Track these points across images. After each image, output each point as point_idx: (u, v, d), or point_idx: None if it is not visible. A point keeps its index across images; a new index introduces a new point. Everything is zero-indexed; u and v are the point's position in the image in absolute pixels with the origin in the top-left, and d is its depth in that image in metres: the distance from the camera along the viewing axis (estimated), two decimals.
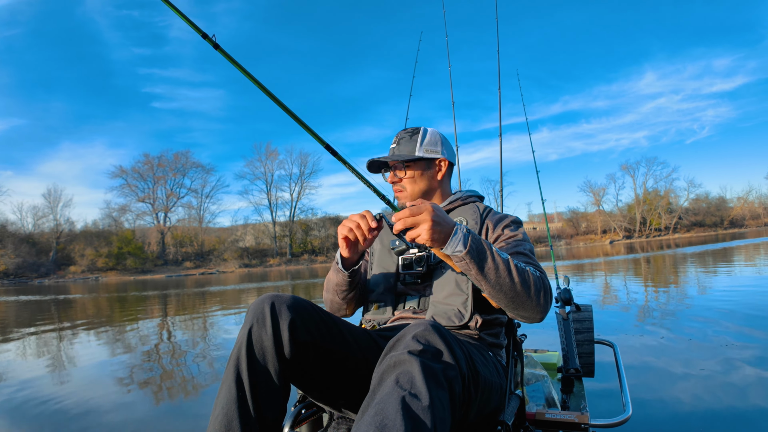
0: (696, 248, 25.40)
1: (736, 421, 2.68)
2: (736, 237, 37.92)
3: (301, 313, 1.26)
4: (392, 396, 0.93)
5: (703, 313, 6.13)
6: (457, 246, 1.29)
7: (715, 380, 3.38)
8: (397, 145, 1.79)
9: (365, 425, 0.91)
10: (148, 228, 61.77)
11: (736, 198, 73.06)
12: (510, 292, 1.34)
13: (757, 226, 66.18)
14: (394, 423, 0.89)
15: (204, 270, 55.79)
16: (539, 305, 1.40)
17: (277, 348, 1.20)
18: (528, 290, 1.36)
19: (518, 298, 1.35)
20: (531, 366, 2.35)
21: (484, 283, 1.33)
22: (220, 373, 4.40)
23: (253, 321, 1.22)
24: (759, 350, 4.14)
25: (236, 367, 1.18)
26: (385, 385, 0.97)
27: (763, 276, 10.07)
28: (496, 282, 1.33)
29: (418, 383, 0.95)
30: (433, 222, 1.25)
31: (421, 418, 0.91)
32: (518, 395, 1.53)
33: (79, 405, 3.73)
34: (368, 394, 1.00)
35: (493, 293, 1.35)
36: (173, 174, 63.39)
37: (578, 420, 1.65)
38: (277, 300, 1.25)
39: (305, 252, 64.37)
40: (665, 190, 67.95)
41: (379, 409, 0.92)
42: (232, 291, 18.12)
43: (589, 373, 2.52)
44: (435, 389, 0.96)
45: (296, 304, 1.26)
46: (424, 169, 1.77)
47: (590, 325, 2.61)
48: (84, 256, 55.49)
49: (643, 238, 63.29)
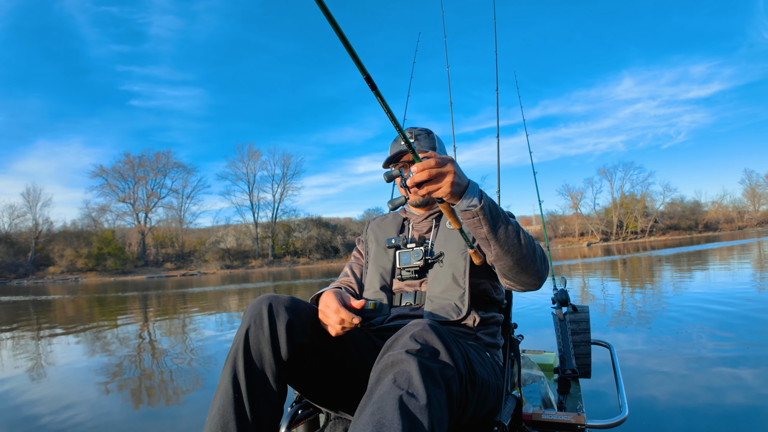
0: (671, 251, 25.71)
1: (734, 421, 2.66)
2: (710, 240, 38.52)
3: (298, 314, 1.27)
4: (390, 395, 0.94)
5: (688, 313, 6.17)
6: (471, 200, 1.24)
7: (711, 380, 3.37)
8: (417, 141, 1.77)
9: (363, 424, 0.92)
10: (129, 228, 61.12)
11: (710, 202, 74.41)
12: (517, 253, 1.33)
13: (731, 230, 67.20)
14: (391, 422, 0.90)
15: (185, 271, 55.35)
16: (540, 271, 1.40)
17: (274, 350, 1.21)
18: (533, 254, 1.36)
19: (523, 261, 1.35)
20: (528, 367, 2.34)
21: (493, 241, 1.30)
22: (201, 375, 4.46)
23: (250, 322, 1.23)
24: (753, 349, 4.15)
25: (233, 369, 1.19)
26: (382, 385, 0.98)
27: (742, 276, 10.41)
28: (504, 241, 1.30)
29: (416, 382, 0.96)
30: (455, 174, 1.20)
31: (419, 417, 0.92)
32: (515, 396, 1.52)
33: (52, 408, 3.65)
34: (366, 393, 1.01)
35: (500, 253, 1.33)
36: (154, 174, 62.86)
37: (575, 421, 1.64)
38: (275, 301, 1.26)
39: (287, 253, 64.03)
40: (642, 194, 69.11)
41: (377, 408, 0.93)
42: (213, 292, 17.89)
43: (586, 374, 2.52)
44: (432, 388, 0.97)
45: (294, 306, 1.27)
46: None
47: (587, 326, 2.60)
48: (63, 256, 54.72)
49: (620, 241, 64.20)
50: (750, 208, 73.72)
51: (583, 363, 2.52)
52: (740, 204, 74.26)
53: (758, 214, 72.62)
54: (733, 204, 74.11)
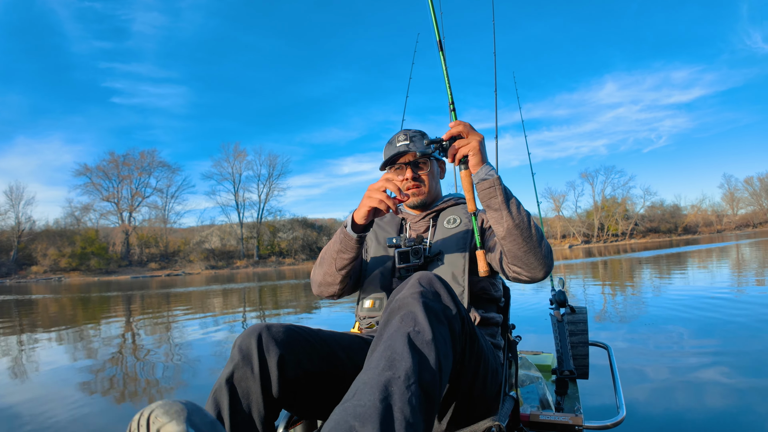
0: (651, 252, 26.44)
1: (732, 421, 2.66)
2: (689, 243, 39.00)
3: (292, 346, 1.24)
4: (398, 333, 1.00)
5: (677, 313, 6.17)
6: (489, 171, 1.39)
7: (709, 381, 3.36)
8: (411, 143, 1.78)
9: (376, 360, 0.97)
10: (113, 228, 60.53)
11: (690, 206, 76.32)
12: (526, 231, 1.38)
13: (710, 233, 68.61)
14: (402, 355, 0.95)
15: (170, 271, 55.09)
16: (546, 258, 1.44)
17: (264, 390, 1.17)
18: (540, 240, 1.41)
19: (531, 243, 1.39)
20: (525, 367, 2.35)
21: (506, 213, 1.37)
22: (184, 375, 4.44)
23: (238, 359, 1.19)
24: (749, 350, 4.12)
25: (216, 408, 1.14)
26: (391, 325, 1.03)
27: (720, 277, 10.58)
28: (516, 215, 1.37)
29: (421, 321, 1.01)
30: (482, 141, 1.40)
31: (426, 350, 0.98)
32: (512, 397, 1.52)
33: (30, 410, 3.56)
34: (376, 335, 1.06)
35: (511, 228, 1.38)
36: (139, 173, 62.41)
37: (572, 422, 1.64)
38: (266, 334, 1.21)
39: (272, 254, 63.89)
40: (622, 198, 70.49)
41: (388, 345, 0.99)
42: (198, 293, 17.72)
43: (584, 375, 2.52)
44: (437, 325, 1.03)
45: (287, 337, 1.24)
46: (436, 167, 1.87)
47: (585, 327, 2.60)
48: (46, 255, 54.03)
49: (601, 243, 65.16)
50: (729, 212, 75.52)
51: (580, 364, 2.52)
52: (719, 208, 76.19)
53: (737, 218, 74.27)
54: (712, 208, 76.08)
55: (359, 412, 0.87)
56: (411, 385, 0.92)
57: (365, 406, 0.88)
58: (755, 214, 73.69)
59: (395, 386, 0.91)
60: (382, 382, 0.92)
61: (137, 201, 62.52)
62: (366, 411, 0.87)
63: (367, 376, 0.95)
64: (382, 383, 0.92)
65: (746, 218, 73.87)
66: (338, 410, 0.91)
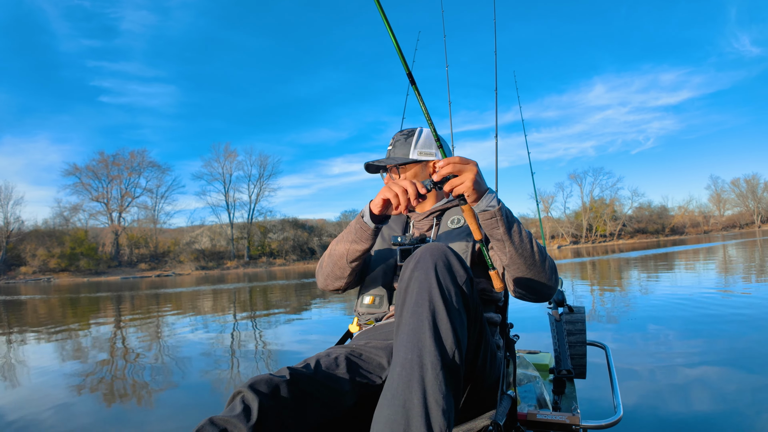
0: (639, 253, 26.56)
1: (730, 420, 2.64)
2: (677, 243, 39.08)
3: (287, 406, 1.09)
4: (417, 316, 1.04)
5: (669, 313, 6.14)
6: (491, 201, 1.33)
7: (707, 380, 3.33)
8: (393, 148, 1.79)
9: (403, 352, 1.02)
10: (102, 228, 60.31)
11: (677, 207, 77.18)
12: (529, 258, 1.38)
13: (696, 234, 69.35)
14: (424, 344, 1.01)
15: (160, 272, 54.98)
16: (550, 279, 1.44)
17: None
18: (543, 262, 1.41)
19: (535, 268, 1.40)
20: (523, 367, 2.34)
21: (508, 244, 1.36)
22: (172, 376, 4.44)
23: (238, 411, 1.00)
24: (747, 349, 4.10)
25: None
26: (407, 306, 1.07)
27: (707, 278, 10.58)
28: (519, 244, 1.36)
29: (436, 299, 1.05)
30: (477, 173, 1.31)
31: (445, 330, 1.03)
32: (510, 396, 1.51)
33: (15, 412, 3.51)
34: (395, 314, 1.12)
35: (514, 257, 1.38)
36: (129, 173, 62.18)
37: (569, 421, 1.65)
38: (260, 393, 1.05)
39: (263, 254, 63.84)
40: (611, 199, 71.18)
41: (412, 329, 1.04)
42: (188, 293, 17.59)
43: (581, 374, 2.52)
44: (451, 299, 1.07)
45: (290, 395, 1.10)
46: (419, 171, 1.77)
47: (582, 327, 2.60)
48: (35, 256, 53.79)
49: (589, 244, 65.80)
50: (715, 213, 76.62)
51: (578, 363, 2.53)
52: (706, 209, 77.21)
53: (723, 219, 75.23)
54: (699, 209, 76.95)
55: (400, 415, 0.95)
56: (438, 373, 0.99)
57: (406, 407, 0.96)
58: (741, 215, 74.78)
59: (427, 378, 0.98)
60: (415, 378, 0.98)
61: (127, 201, 62.42)
62: (408, 411, 0.95)
63: (397, 373, 1.01)
64: (416, 379, 0.98)
65: (733, 219, 74.88)
66: (379, 414, 0.99)
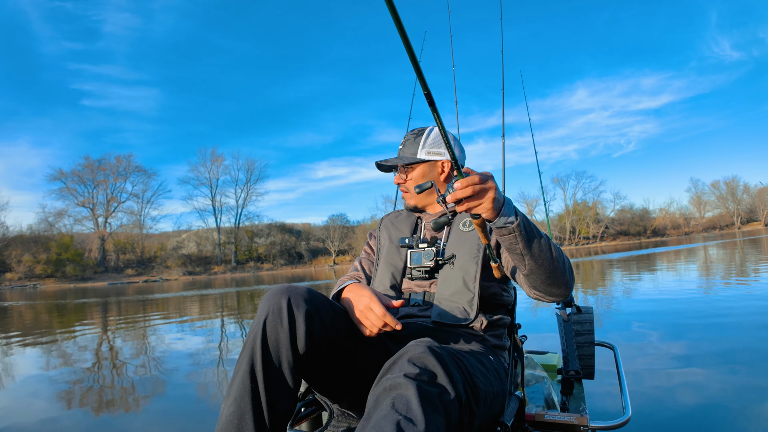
0: (622, 254, 26.99)
1: (739, 421, 2.63)
2: (659, 245, 39.63)
3: (317, 307, 1.24)
4: (388, 419, 0.92)
5: (663, 315, 6.17)
6: (509, 218, 1.21)
7: (714, 382, 3.31)
8: (403, 147, 1.77)
9: None
10: (88, 234, 59.89)
11: (658, 209, 78.34)
12: (549, 266, 1.31)
13: (678, 236, 70.39)
14: None
15: (147, 278, 54.80)
16: (569, 282, 1.39)
17: (292, 342, 1.19)
18: (563, 265, 1.34)
19: (555, 273, 1.33)
20: (531, 367, 2.32)
21: (528, 257, 1.28)
22: (160, 383, 4.41)
23: (268, 312, 1.20)
24: (750, 347, 4.11)
25: (250, 359, 1.17)
26: (380, 409, 0.96)
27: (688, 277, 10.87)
28: (538, 255, 1.28)
29: (414, 407, 0.93)
30: (496, 190, 1.17)
31: None
32: (518, 396, 1.51)
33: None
34: (363, 416, 1.00)
35: (534, 267, 1.30)
36: (115, 178, 61.86)
37: (577, 422, 1.62)
38: (293, 293, 1.23)
39: (251, 259, 63.68)
40: (593, 202, 72.13)
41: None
42: (175, 299, 17.65)
43: (589, 375, 2.49)
44: (431, 413, 0.95)
45: (312, 298, 1.25)
46: (427, 171, 1.75)
47: (591, 327, 2.55)
48: (21, 262, 53.35)
49: (573, 246, 66.50)
50: (696, 215, 77.94)
51: (586, 364, 2.49)
52: (687, 211, 78.49)
53: (704, 221, 76.48)
54: (680, 211, 78.27)
55: None
56: None
57: None
58: (722, 216, 75.97)
59: None
60: None
61: (113, 206, 62.05)
62: None
63: None
64: None
65: (713, 221, 76.04)
66: None
